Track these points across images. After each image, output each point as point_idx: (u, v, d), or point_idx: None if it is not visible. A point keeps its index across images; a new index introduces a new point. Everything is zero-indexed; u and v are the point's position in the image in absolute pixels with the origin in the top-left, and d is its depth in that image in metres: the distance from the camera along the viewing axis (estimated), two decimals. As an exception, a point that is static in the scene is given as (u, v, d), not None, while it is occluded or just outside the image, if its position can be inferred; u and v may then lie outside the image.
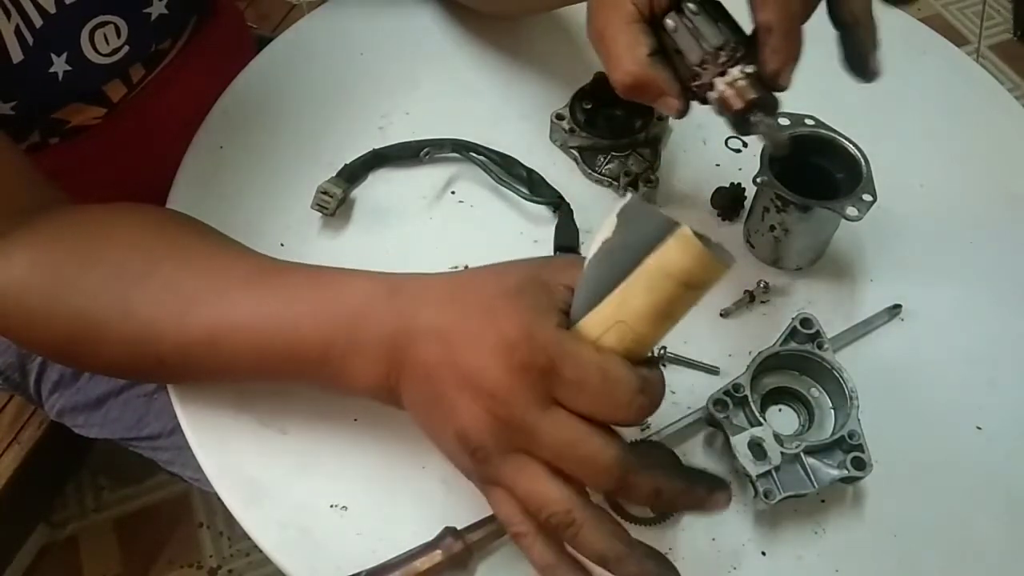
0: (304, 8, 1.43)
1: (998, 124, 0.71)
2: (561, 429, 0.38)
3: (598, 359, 0.38)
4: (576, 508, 0.39)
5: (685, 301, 0.37)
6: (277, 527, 0.51)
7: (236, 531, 1.27)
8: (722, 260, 0.36)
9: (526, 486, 0.39)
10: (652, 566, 0.39)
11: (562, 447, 0.38)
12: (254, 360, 0.48)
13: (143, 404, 0.78)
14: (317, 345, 0.46)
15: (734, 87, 0.45)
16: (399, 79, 0.73)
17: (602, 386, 0.38)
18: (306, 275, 0.50)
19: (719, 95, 0.46)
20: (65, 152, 0.69)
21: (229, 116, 0.71)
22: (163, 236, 0.53)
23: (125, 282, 0.50)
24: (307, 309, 0.47)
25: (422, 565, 0.48)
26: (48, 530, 1.28)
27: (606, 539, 0.39)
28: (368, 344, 0.44)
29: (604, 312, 0.38)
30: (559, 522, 0.39)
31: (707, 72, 0.46)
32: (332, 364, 0.46)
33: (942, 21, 1.91)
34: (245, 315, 0.48)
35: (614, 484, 0.38)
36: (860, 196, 0.55)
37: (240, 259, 0.52)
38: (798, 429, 0.55)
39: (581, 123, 0.66)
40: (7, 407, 1.07)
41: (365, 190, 0.66)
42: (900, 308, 0.60)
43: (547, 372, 0.38)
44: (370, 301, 0.45)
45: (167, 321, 0.49)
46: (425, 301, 0.44)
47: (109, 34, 0.64)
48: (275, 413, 0.55)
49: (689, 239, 0.35)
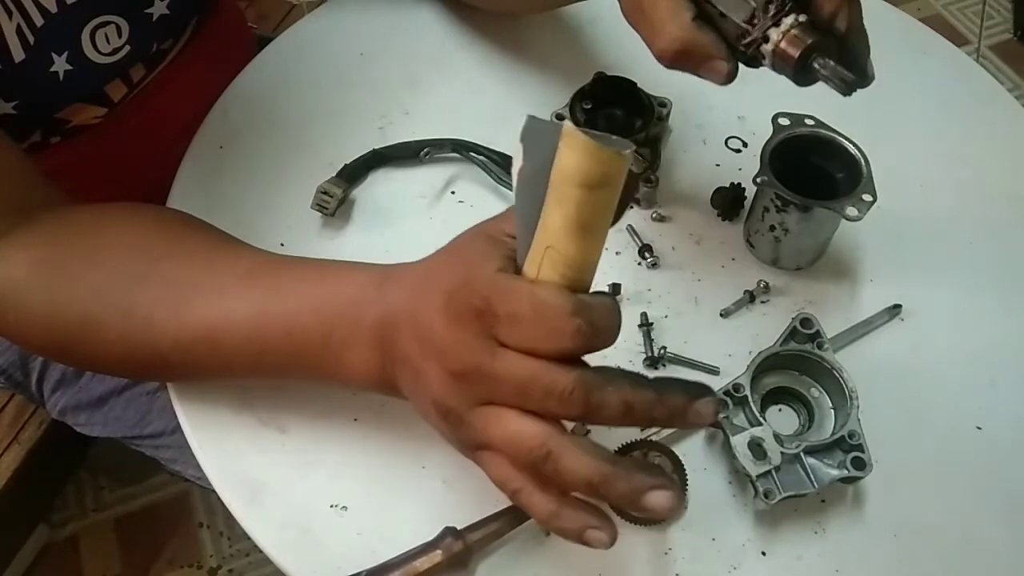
0: (304, 8, 1.43)
1: (998, 124, 0.71)
2: (513, 368, 0.37)
3: (528, 288, 0.37)
4: (550, 438, 0.37)
5: (595, 205, 0.35)
6: (277, 527, 0.51)
7: (236, 531, 1.27)
8: (614, 149, 0.34)
9: (498, 433, 0.39)
10: (642, 478, 0.37)
11: (520, 385, 0.37)
12: (255, 354, 0.48)
13: (146, 402, 0.78)
14: (317, 336, 0.46)
15: (789, 36, 0.45)
16: (399, 79, 0.73)
17: (533, 313, 0.37)
18: (304, 268, 0.50)
19: (774, 47, 0.45)
20: (66, 151, 0.69)
21: (229, 116, 0.71)
22: (162, 234, 0.54)
23: (126, 280, 0.50)
24: (307, 301, 0.47)
25: (422, 565, 0.48)
26: (48, 530, 1.28)
27: (588, 462, 0.37)
28: (362, 334, 0.45)
29: (535, 244, 0.37)
30: (536, 457, 0.37)
31: (758, 27, 0.45)
32: (332, 355, 0.46)
33: (942, 21, 1.91)
34: (245, 309, 0.48)
35: (580, 408, 0.37)
36: (860, 196, 0.55)
37: (240, 255, 0.52)
38: (798, 429, 0.55)
39: (581, 123, 0.66)
40: (7, 407, 1.07)
41: (365, 190, 0.66)
42: (900, 308, 0.60)
43: (483, 313, 0.38)
44: (364, 291, 0.46)
45: (168, 317, 0.49)
46: (403, 287, 0.44)
47: (110, 34, 0.64)
48: (275, 413, 0.55)
49: (572, 134, 0.34)
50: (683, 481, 0.51)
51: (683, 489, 0.51)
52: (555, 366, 0.37)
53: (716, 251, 0.63)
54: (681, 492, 0.35)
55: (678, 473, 0.51)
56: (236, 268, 0.51)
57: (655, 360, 0.57)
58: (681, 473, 0.51)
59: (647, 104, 0.66)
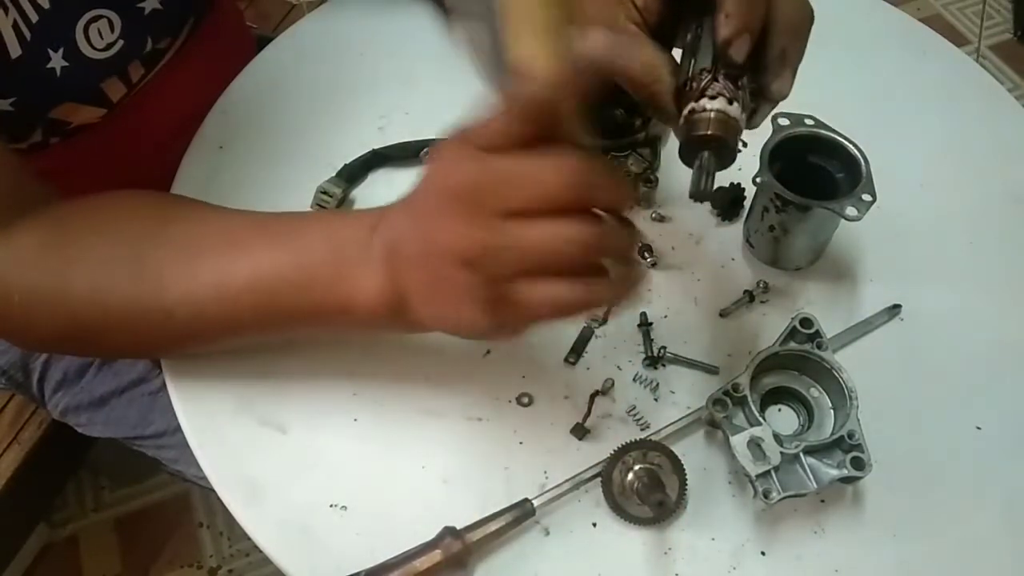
0: (304, 8, 1.43)
1: (998, 124, 0.71)
2: (529, 229, 0.39)
3: (512, 160, 0.39)
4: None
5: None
6: (277, 527, 0.51)
7: (236, 531, 1.27)
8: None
9: (537, 297, 0.40)
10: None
11: (541, 242, 0.39)
12: (264, 297, 0.49)
13: (147, 402, 0.78)
14: (327, 265, 0.48)
15: (698, 115, 0.43)
16: (399, 79, 0.73)
17: (520, 179, 0.39)
18: (309, 215, 0.55)
19: (684, 116, 0.44)
20: (65, 152, 0.69)
21: (229, 116, 0.71)
22: (164, 205, 0.56)
23: (133, 249, 0.52)
24: (316, 238, 0.49)
25: (421, 565, 0.48)
26: (48, 530, 1.28)
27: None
28: (371, 255, 0.46)
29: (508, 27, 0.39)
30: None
31: (688, 93, 0.44)
32: (343, 282, 0.47)
33: (942, 21, 1.91)
34: (254, 253, 0.50)
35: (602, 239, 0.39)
36: (860, 196, 0.55)
37: (245, 215, 0.54)
38: (798, 429, 0.55)
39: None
40: (7, 407, 1.07)
41: (365, 190, 0.66)
42: (900, 308, 0.60)
43: (483, 188, 0.39)
44: (368, 221, 0.47)
45: (175, 273, 0.50)
46: (400, 209, 0.46)
47: (103, 28, 0.64)
48: (275, 413, 0.55)
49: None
50: (683, 481, 0.51)
51: (682, 486, 0.51)
52: (562, 220, 0.39)
53: (716, 251, 0.63)
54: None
55: (678, 473, 0.51)
56: (244, 221, 0.53)
57: (655, 360, 0.57)
58: (681, 473, 0.51)
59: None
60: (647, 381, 0.57)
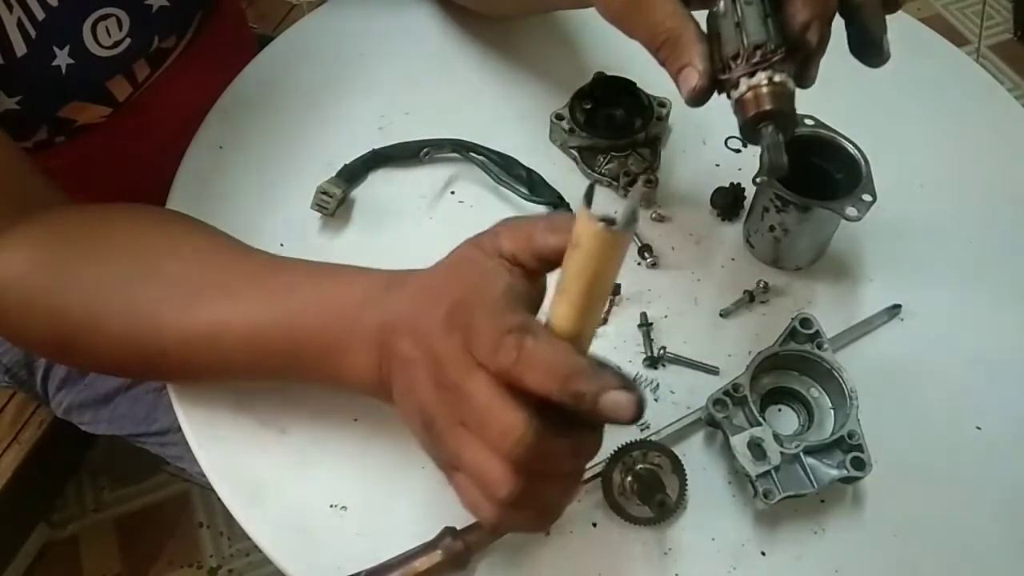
0: (304, 8, 1.43)
1: (998, 124, 0.71)
2: (479, 392, 0.37)
3: (518, 324, 0.37)
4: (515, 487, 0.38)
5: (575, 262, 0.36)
6: (277, 527, 0.51)
7: (236, 531, 1.27)
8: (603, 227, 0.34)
9: (468, 458, 0.39)
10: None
11: (477, 411, 0.38)
12: (256, 353, 0.49)
13: (151, 400, 0.78)
14: (317, 336, 0.47)
15: (756, 91, 0.44)
16: (399, 79, 0.73)
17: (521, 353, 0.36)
18: (308, 270, 0.51)
19: (739, 95, 0.44)
20: (70, 150, 0.69)
21: (229, 116, 0.71)
22: (164, 233, 0.54)
23: (128, 278, 0.51)
24: (309, 302, 0.48)
25: (422, 565, 0.48)
26: (48, 530, 1.28)
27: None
28: (363, 335, 0.45)
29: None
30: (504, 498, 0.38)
31: (736, 69, 0.44)
32: (331, 356, 0.46)
33: (942, 21, 1.91)
34: (248, 308, 0.49)
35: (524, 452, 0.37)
36: (860, 196, 0.55)
37: (243, 256, 0.53)
38: (798, 429, 0.55)
39: (581, 123, 0.66)
40: (7, 407, 1.07)
41: (365, 190, 0.66)
42: (900, 308, 0.60)
43: (483, 333, 0.38)
44: (367, 294, 0.46)
45: (170, 314, 0.49)
46: (406, 295, 0.44)
47: (111, 27, 0.64)
48: (275, 413, 0.55)
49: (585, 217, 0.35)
50: (683, 481, 0.51)
51: (682, 486, 0.51)
52: (514, 404, 0.37)
53: (716, 251, 0.63)
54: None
55: (678, 473, 0.51)
56: (240, 268, 0.52)
57: (655, 360, 0.57)
58: (681, 473, 0.51)
59: (647, 104, 0.66)
60: (647, 381, 0.57)
